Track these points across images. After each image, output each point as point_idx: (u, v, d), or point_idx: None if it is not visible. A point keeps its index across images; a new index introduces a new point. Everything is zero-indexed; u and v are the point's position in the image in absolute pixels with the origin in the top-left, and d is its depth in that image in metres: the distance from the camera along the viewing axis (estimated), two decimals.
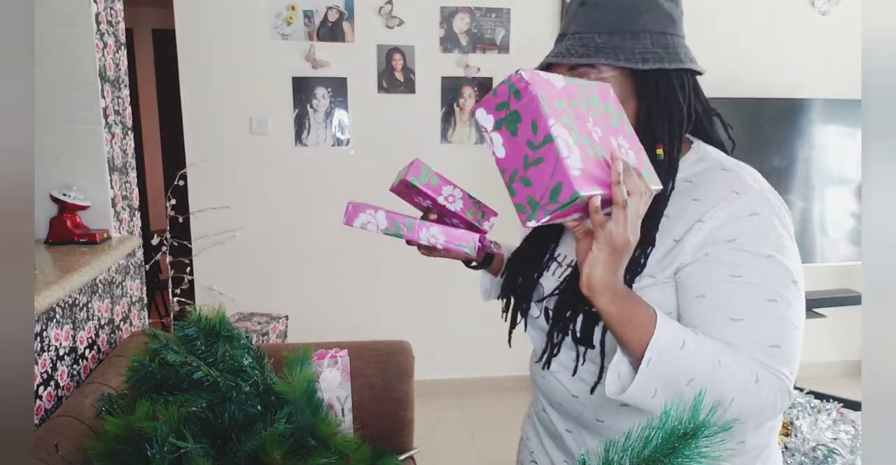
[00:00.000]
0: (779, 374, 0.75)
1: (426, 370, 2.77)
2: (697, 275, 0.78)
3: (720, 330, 0.76)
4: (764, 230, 0.78)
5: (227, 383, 1.04)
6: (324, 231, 3.01)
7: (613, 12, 0.82)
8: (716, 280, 0.77)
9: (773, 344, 0.75)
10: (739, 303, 0.76)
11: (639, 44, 0.82)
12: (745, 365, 0.73)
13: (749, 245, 0.77)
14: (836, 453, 1.02)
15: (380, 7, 2.87)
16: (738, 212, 0.78)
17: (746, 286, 0.76)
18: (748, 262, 0.76)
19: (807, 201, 2.93)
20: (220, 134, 2.88)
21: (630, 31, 0.82)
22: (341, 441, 1.03)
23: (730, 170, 0.83)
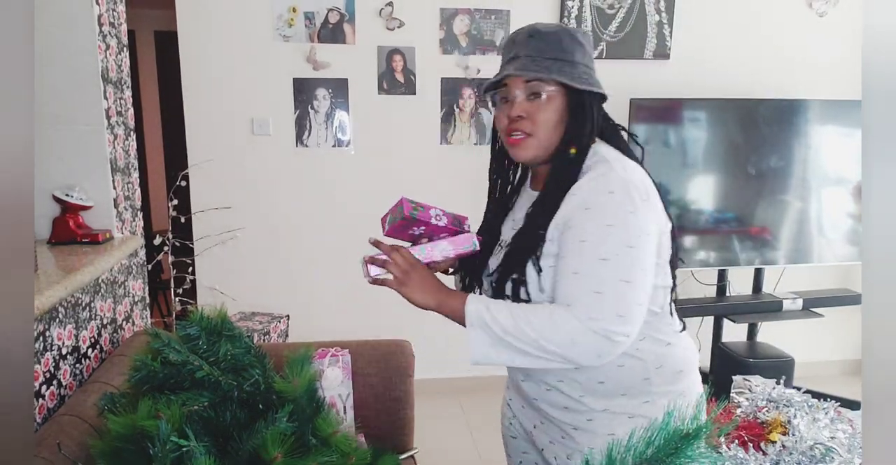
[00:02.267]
0: (585, 316, 0.97)
1: (426, 370, 2.77)
2: (563, 241, 1.04)
3: (566, 283, 1.02)
4: (613, 205, 1.00)
5: (229, 383, 1.04)
6: (325, 231, 3.02)
7: (556, 44, 1.07)
8: (569, 243, 1.02)
9: (596, 291, 0.98)
10: (579, 260, 1.01)
11: (576, 70, 1.07)
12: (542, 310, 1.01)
13: (597, 215, 1.00)
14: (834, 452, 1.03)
15: (380, 9, 2.88)
16: (598, 188, 1.02)
17: (587, 247, 1.00)
18: (592, 229, 1.00)
19: (804, 202, 2.93)
20: (222, 135, 2.88)
21: (569, 60, 1.07)
22: (342, 440, 1.03)
23: (608, 161, 1.06)
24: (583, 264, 1.00)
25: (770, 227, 2.92)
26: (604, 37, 3.00)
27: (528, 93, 1.07)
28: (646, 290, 1.01)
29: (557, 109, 1.07)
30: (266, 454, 0.93)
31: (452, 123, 3.01)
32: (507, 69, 1.08)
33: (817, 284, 3.20)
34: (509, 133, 1.10)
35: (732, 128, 2.86)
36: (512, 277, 1.08)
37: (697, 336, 3.24)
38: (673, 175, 2.87)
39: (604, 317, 0.97)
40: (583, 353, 0.98)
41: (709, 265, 2.96)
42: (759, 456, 1.06)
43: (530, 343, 0.99)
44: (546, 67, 1.05)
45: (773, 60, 3.15)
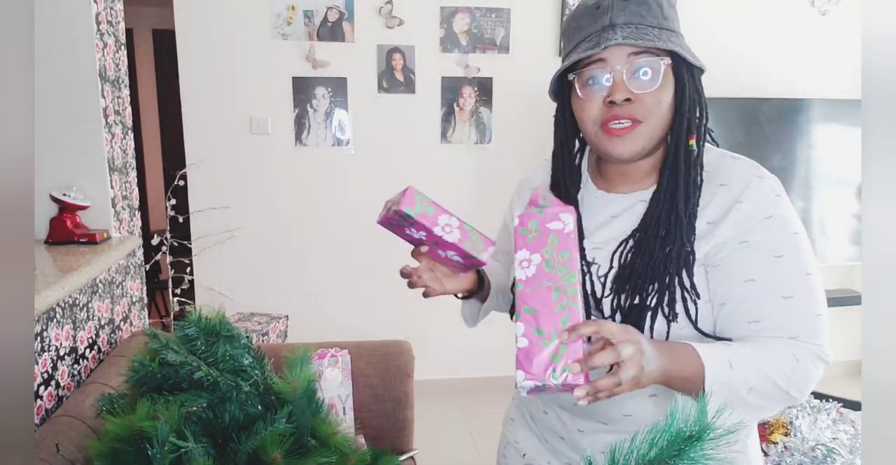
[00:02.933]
0: (814, 344, 0.83)
1: (426, 370, 2.77)
2: (742, 260, 0.83)
3: (774, 309, 0.82)
4: (788, 210, 0.85)
5: (228, 383, 1.04)
6: (324, 231, 3.01)
7: (658, 10, 0.86)
8: (761, 263, 0.82)
9: (817, 313, 0.83)
10: (788, 281, 0.82)
11: (683, 43, 0.88)
12: (785, 353, 0.81)
13: (782, 223, 0.83)
14: (836, 452, 1.02)
15: (380, 7, 2.87)
16: (766, 193, 0.84)
17: (789, 265, 0.82)
18: (784, 240, 0.83)
19: (807, 201, 2.93)
20: (221, 134, 2.88)
21: (672, 29, 0.87)
22: (342, 441, 1.03)
23: (738, 158, 0.89)
24: (796, 284, 0.83)
25: None
26: None
27: (633, 70, 0.85)
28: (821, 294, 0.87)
29: (671, 90, 0.87)
30: (265, 455, 0.93)
31: (452, 122, 3.01)
32: (609, 38, 0.83)
33: None
34: (608, 122, 0.86)
35: (734, 127, 2.86)
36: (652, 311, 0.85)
37: None
38: None
39: (824, 341, 0.84)
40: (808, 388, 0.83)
41: None
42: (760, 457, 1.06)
43: (774, 397, 0.81)
44: (656, 36, 0.84)
45: (776, 59, 3.15)
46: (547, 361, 0.73)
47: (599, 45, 0.84)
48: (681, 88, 0.87)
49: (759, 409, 0.80)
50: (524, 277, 0.78)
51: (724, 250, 0.84)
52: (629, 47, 0.84)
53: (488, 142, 3.04)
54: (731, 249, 0.83)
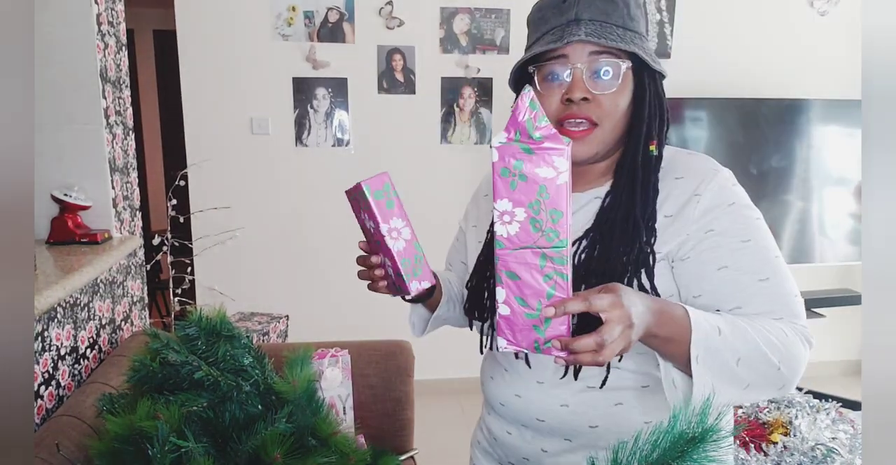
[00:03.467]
0: (798, 325, 0.79)
1: (426, 371, 2.77)
2: (711, 249, 0.81)
3: (753, 293, 0.80)
4: (746, 199, 0.85)
5: (228, 383, 1.04)
6: (324, 231, 3.02)
7: (624, 9, 0.83)
8: (731, 249, 0.81)
9: (794, 294, 0.81)
10: (761, 264, 0.81)
11: (645, 44, 0.85)
12: (774, 327, 0.77)
13: (744, 210, 0.83)
14: (835, 452, 1.03)
15: (380, 8, 2.87)
16: (724, 183, 0.84)
17: (758, 248, 0.81)
18: (749, 225, 0.82)
19: (806, 201, 2.93)
20: (221, 134, 2.88)
21: (637, 31, 0.84)
22: (342, 441, 1.03)
23: (693, 153, 0.89)
24: (766, 266, 0.81)
25: (771, 227, 2.92)
26: None
27: (594, 69, 0.82)
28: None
29: (629, 94, 0.85)
30: (265, 454, 0.93)
31: (452, 122, 3.01)
32: (572, 33, 0.81)
33: (818, 284, 3.20)
34: (564, 120, 0.84)
35: (734, 127, 2.86)
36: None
37: None
38: None
39: (806, 323, 0.81)
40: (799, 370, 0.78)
41: None
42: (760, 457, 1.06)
43: (764, 373, 0.75)
44: (619, 37, 0.82)
45: (775, 60, 3.15)
46: (530, 332, 0.68)
47: (562, 39, 0.81)
48: (640, 92, 0.85)
49: (749, 387, 0.76)
50: (505, 234, 0.67)
51: (690, 242, 0.82)
52: (592, 45, 0.82)
53: (488, 142, 3.04)
54: (697, 239, 0.82)
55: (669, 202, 0.85)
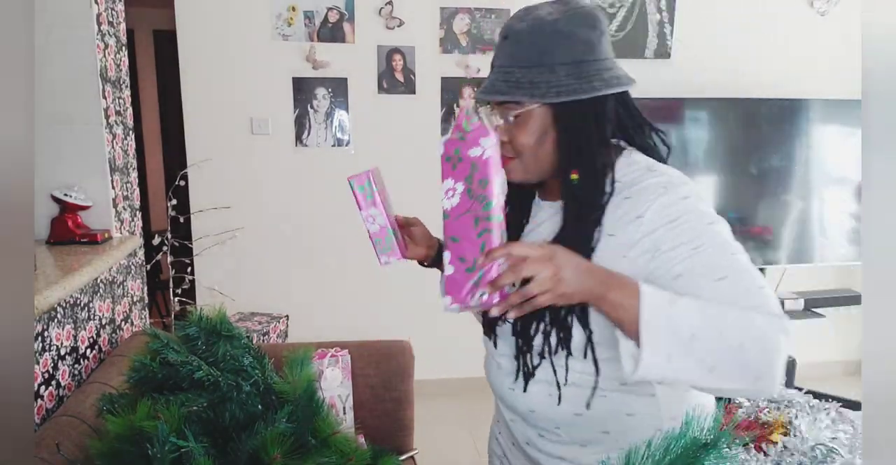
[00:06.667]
0: (772, 313, 0.77)
1: (426, 370, 2.77)
2: (663, 266, 0.82)
3: (712, 293, 0.79)
4: (697, 207, 0.84)
5: (228, 383, 1.04)
6: (324, 231, 3.02)
7: (533, 47, 0.86)
8: (683, 258, 0.81)
9: (760, 286, 0.79)
10: (715, 264, 0.80)
11: (554, 77, 0.85)
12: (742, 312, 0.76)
13: (693, 219, 0.83)
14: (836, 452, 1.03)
15: (380, 8, 2.87)
16: (670, 200, 0.84)
17: (712, 250, 0.81)
18: (700, 231, 0.82)
19: (806, 201, 2.93)
20: (221, 134, 2.88)
21: (547, 64, 0.85)
22: (342, 441, 1.03)
23: (655, 171, 0.88)
24: (726, 265, 0.80)
25: (772, 227, 2.92)
26: None
27: (503, 115, 0.90)
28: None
29: (537, 129, 0.88)
30: (265, 454, 0.93)
31: (452, 122, 3.01)
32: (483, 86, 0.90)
33: (819, 284, 3.20)
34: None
35: (734, 127, 2.86)
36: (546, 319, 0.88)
37: None
38: None
39: (781, 313, 0.78)
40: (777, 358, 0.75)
41: None
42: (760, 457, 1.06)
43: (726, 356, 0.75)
44: (515, 83, 0.86)
45: (775, 60, 3.15)
46: (470, 287, 0.78)
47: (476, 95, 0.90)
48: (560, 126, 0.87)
49: (716, 371, 0.75)
50: (449, 206, 0.81)
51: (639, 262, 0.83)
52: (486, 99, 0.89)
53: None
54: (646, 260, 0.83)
55: (612, 222, 0.86)
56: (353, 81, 2.92)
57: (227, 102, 2.86)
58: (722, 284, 0.79)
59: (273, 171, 2.94)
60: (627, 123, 0.92)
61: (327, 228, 3.02)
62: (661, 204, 0.84)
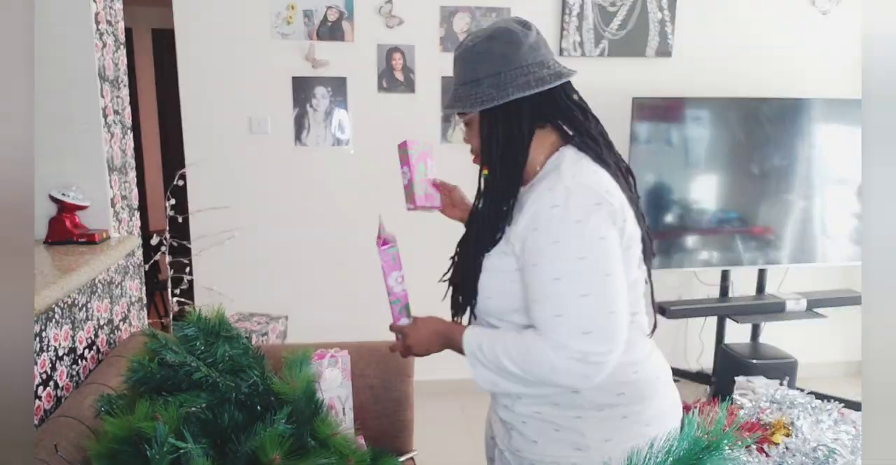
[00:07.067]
0: (564, 348, 0.95)
1: (426, 371, 2.76)
2: (522, 263, 1.02)
3: (532, 310, 1.00)
4: (556, 220, 0.97)
5: (227, 384, 1.04)
6: (324, 231, 3.01)
7: (464, 67, 1.06)
8: (527, 268, 1.00)
9: (556, 315, 0.96)
10: (534, 286, 0.99)
11: (477, 90, 1.04)
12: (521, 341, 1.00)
13: (544, 233, 0.97)
14: (837, 453, 1.02)
15: (379, 6, 2.87)
16: (543, 205, 0.98)
17: (538, 271, 0.98)
18: (540, 249, 0.98)
19: (808, 201, 2.93)
20: (220, 134, 2.87)
21: (472, 80, 1.04)
22: (341, 441, 1.03)
23: (559, 171, 1.01)
24: (540, 289, 0.98)
25: (773, 226, 2.92)
26: (606, 35, 2.99)
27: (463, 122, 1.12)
28: (613, 296, 0.96)
29: (479, 133, 1.08)
30: (264, 455, 0.92)
31: (453, 122, 3.00)
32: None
33: (821, 284, 3.19)
34: None
35: (735, 127, 2.85)
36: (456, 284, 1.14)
37: (700, 337, 3.24)
38: (676, 174, 2.86)
39: (570, 340, 0.95)
40: (567, 378, 0.96)
41: (712, 265, 2.95)
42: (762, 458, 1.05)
43: (520, 377, 1.00)
44: (456, 98, 1.07)
45: (776, 59, 3.14)
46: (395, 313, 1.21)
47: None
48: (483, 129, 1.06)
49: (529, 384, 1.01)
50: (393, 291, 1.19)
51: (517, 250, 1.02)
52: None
53: None
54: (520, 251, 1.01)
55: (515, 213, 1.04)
56: (353, 80, 2.91)
57: (226, 101, 2.85)
58: (534, 306, 0.99)
59: (272, 170, 2.94)
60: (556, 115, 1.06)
61: (327, 228, 3.01)
62: (535, 210, 0.99)
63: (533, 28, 1.07)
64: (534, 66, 1.02)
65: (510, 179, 1.04)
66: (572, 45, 2.97)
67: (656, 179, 2.84)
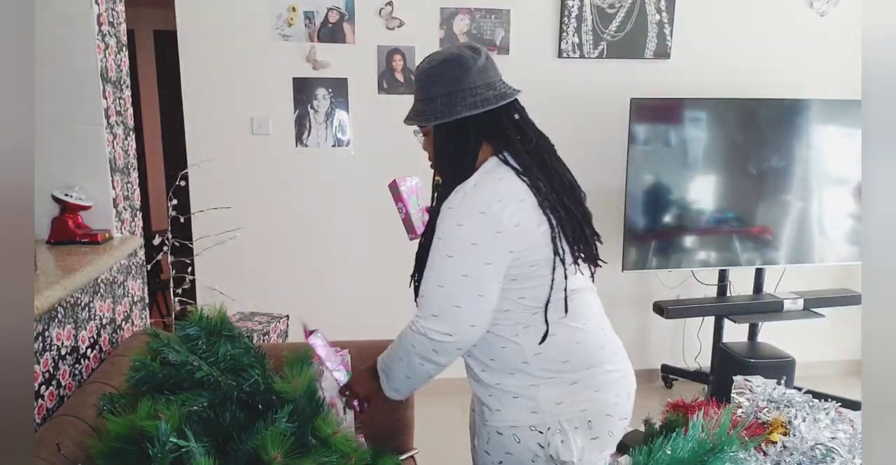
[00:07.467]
0: (415, 322, 1.18)
1: None
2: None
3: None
4: (447, 219, 1.14)
5: (229, 383, 1.04)
6: (325, 231, 3.02)
7: (421, 86, 1.21)
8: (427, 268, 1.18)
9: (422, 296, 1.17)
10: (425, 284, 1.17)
11: (432, 106, 1.19)
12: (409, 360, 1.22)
13: (443, 246, 1.15)
14: (835, 452, 1.03)
15: (380, 8, 2.87)
16: (449, 221, 1.15)
17: (431, 274, 1.16)
18: (438, 258, 1.15)
19: (805, 202, 2.93)
20: (222, 135, 2.88)
21: (427, 97, 1.20)
22: (342, 440, 1.03)
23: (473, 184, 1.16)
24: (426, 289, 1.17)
25: (771, 227, 2.92)
26: (604, 36, 3.00)
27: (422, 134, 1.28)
28: (463, 294, 1.13)
29: (432, 144, 1.24)
30: (265, 454, 0.93)
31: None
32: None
33: (818, 284, 3.20)
34: None
35: (733, 127, 2.86)
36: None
37: (698, 337, 3.24)
38: (674, 175, 2.87)
39: (421, 319, 1.16)
40: (419, 349, 1.17)
41: (709, 265, 2.96)
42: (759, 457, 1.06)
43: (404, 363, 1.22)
44: (415, 112, 1.23)
45: (774, 60, 3.15)
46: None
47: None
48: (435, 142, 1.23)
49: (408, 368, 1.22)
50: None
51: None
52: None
53: None
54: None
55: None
56: (354, 82, 2.92)
57: (228, 102, 2.86)
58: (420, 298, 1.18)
59: (273, 171, 2.94)
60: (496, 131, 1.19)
61: (328, 228, 3.02)
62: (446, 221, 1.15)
63: (482, 53, 1.20)
64: (481, 88, 1.17)
65: (457, 184, 1.18)
66: (571, 46, 2.98)
67: (655, 180, 2.84)
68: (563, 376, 1.18)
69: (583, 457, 1.16)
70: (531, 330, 1.18)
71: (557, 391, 1.18)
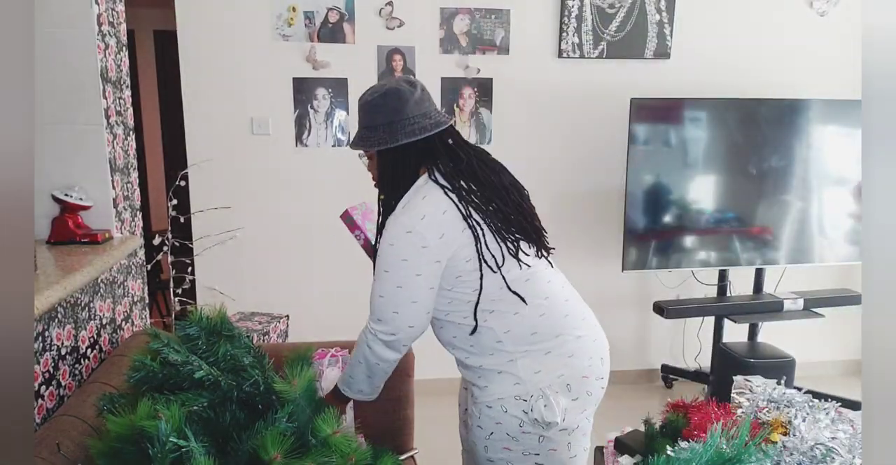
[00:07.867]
0: (367, 326, 1.35)
1: (426, 370, 2.77)
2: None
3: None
4: (391, 254, 1.29)
5: (229, 383, 1.04)
6: (324, 231, 3.01)
7: (365, 115, 1.35)
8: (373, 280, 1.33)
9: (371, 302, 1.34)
10: (371, 294, 1.34)
11: (374, 134, 1.33)
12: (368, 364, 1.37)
13: (381, 262, 1.31)
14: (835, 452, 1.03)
15: (380, 8, 2.88)
16: (384, 241, 1.31)
17: (374, 286, 1.33)
18: (378, 272, 1.32)
19: (805, 202, 2.93)
20: (222, 134, 2.88)
21: (370, 125, 1.34)
22: (342, 440, 1.03)
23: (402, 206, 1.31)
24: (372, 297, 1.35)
25: (771, 227, 2.92)
26: (604, 36, 3.00)
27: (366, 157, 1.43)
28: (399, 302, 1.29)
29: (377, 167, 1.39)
30: (265, 454, 0.93)
31: (453, 123, 3.01)
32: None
33: (818, 284, 3.20)
34: None
35: (733, 127, 2.86)
36: None
37: (698, 337, 3.24)
38: (674, 175, 2.87)
39: (370, 323, 1.34)
40: (374, 348, 1.33)
41: (709, 265, 2.96)
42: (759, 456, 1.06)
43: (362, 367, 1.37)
44: (359, 138, 1.35)
45: (774, 60, 3.15)
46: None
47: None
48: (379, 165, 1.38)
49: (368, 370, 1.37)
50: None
51: None
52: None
53: (488, 142, 3.04)
54: None
55: None
56: (354, 82, 2.92)
57: (228, 102, 2.86)
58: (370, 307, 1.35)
59: (273, 171, 2.94)
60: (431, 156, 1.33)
61: (327, 228, 3.01)
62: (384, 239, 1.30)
63: (418, 86, 1.35)
64: (418, 118, 1.32)
65: (398, 200, 1.34)
66: (571, 46, 2.98)
67: (654, 180, 2.84)
68: (535, 347, 1.31)
69: (566, 417, 1.28)
70: (496, 314, 1.32)
71: (534, 362, 1.31)
